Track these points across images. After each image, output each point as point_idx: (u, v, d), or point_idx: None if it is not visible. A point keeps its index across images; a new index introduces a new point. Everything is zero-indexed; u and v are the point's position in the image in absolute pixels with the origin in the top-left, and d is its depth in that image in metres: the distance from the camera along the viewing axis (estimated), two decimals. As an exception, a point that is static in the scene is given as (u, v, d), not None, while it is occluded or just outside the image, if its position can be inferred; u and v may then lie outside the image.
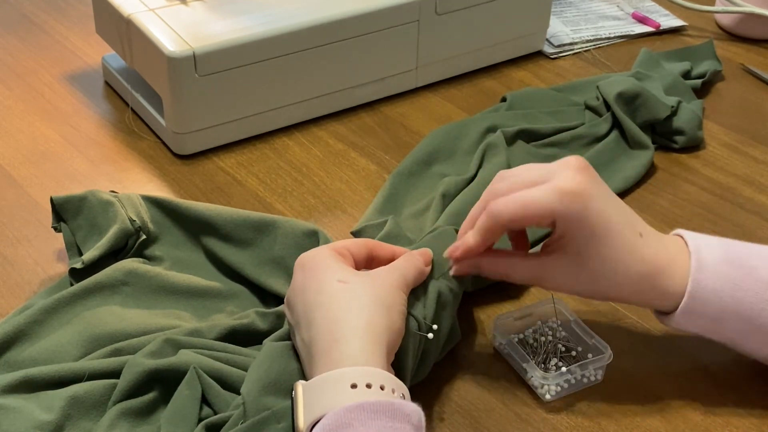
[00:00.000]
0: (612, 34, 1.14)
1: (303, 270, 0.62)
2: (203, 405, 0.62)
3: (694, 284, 0.64)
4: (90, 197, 0.76)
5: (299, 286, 0.62)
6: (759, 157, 0.94)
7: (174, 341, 0.65)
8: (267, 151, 0.92)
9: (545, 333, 0.70)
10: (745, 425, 0.66)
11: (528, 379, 0.67)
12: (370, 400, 0.53)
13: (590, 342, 0.69)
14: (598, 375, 0.68)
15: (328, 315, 0.58)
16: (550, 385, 0.66)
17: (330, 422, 0.53)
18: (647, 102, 0.91)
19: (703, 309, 0.64)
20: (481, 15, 1.01)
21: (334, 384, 0.55)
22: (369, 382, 0.55)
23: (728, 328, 0.65)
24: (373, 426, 0.52)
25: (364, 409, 0.53)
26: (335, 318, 0.58)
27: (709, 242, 0.66)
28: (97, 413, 0.62)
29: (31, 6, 1.16)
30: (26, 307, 0.70)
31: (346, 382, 0.55)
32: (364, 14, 0.92)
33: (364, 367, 0.56)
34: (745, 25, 1.14)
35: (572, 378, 0.67)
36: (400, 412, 0.54)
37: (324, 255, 0.62)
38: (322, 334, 0.58)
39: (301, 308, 0.61)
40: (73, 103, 0.98)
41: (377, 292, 0.60)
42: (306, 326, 0.60)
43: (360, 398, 0.54)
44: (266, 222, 0.75)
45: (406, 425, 0.53)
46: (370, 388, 0.55)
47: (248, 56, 0.88)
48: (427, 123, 0.97)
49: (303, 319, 0.60)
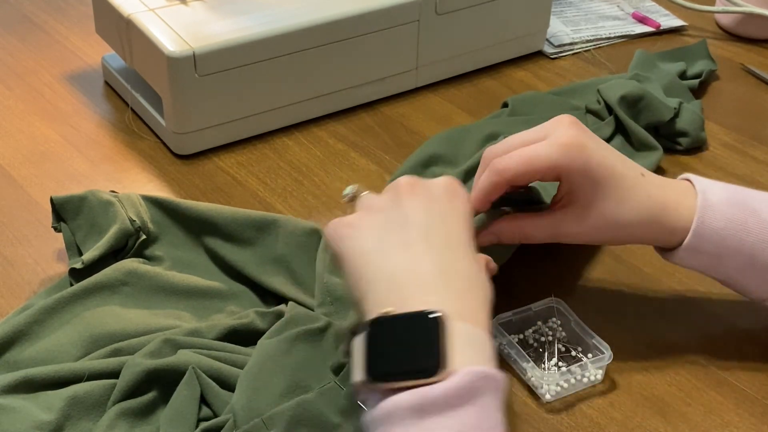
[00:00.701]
0: (612, 34, 1.14)
1: (451, 193, 0.62)
2: (202, 405, 0.62)
3: (699, 222, 0.66)
4: (90, 197, 0.76)
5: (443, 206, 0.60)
6: (759, 157, 0.94)
7: (173, 341, 0.65)
8: (267, 151, 0.92)
9: (545, 333, 0.70)
10: (745, 425, 0.66)
11: (528, 379, 0.67)
12: (499, 375, 0.52)
13: (590, 342, 0.69)
14: (598, 375, 0.68)
15: (470, 267, 0.58)
16: (550, 385, 0.66)
17: (468, 380, 0.50)
18: (650, 104, 0.91)
19: (706, 246, 0.67)
20: (481, 15, 1.01)
21: (483, 347, 0.53)
22: (493, 356, 0.54)
23: (728, 265, 0.68)
24: (495, 402, 0.51)
25: (496, 381, 0.52)
26: (475, 279, 0.58)
27: (715, 184, 0.69)
28: (96, 413, 0.62)
29: (31, 6, 1.16)
30: (26, 307, 0.70)
31: (489, 351, 0.53)
32: (364, 14, 0.92)
33: (492, 343, 0.54)
34: (745, 25, 1.14)
35: (572, 378, 0.67)
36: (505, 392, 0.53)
37: (470, 209, 0.63)
38: (463, 273, 0.57)
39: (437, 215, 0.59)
40: (73, 103, 0.98)
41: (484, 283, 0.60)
42: (435, 234, 0.58)
43: (494, 371, 0.52)
44: (268, 221, 0.75)
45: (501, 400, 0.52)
46: (492, 361, 0.54)
47: (248, 56, 0.88)
48: (427, 123, 0.97)
49: (433, 222, 0.59)
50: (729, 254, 0.67)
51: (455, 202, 0.62)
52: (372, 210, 0.61)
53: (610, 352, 0.67)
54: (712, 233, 0.66)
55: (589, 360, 0.68)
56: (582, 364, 0.67)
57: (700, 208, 0.67)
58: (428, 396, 0.49)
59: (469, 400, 0.49)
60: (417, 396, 0.49)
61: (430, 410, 0.49)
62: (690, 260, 0.68)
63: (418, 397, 0.49)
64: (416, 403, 0.49)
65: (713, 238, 0.67)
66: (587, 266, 0.79)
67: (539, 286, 0.75)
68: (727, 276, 0.69)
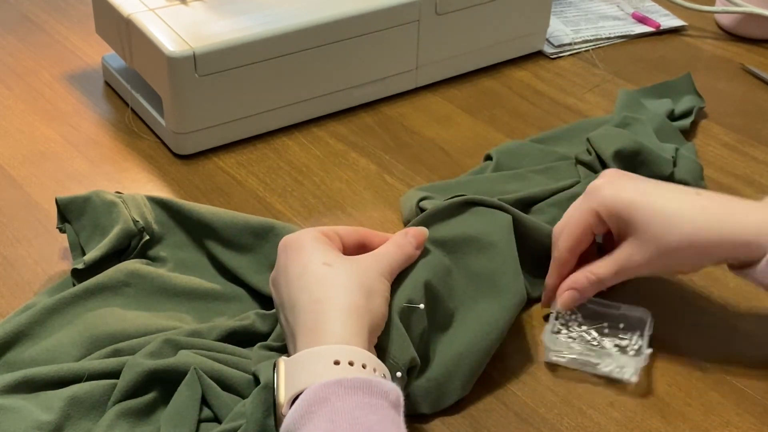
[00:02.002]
0: (612, 34, 1.14)
1: (286, 251, 0.63)
2: (203, 406, 0.62)
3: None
4: (94, 198, 0.76)
5: (282, 268, 0.62)
6: (759, 157, 0.94)
7: (174, 342, 0.65)
8: (267, 151, 0.92)
9: (571, 325, 0.71)
10: (745, 425, 0.66)
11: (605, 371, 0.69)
12: (349, 377, 0.54)
13: (618, 312, 0.71)
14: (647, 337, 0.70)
15: (312, 296, 0.59)
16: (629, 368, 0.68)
17: (309, 396, 0.53)
18: (648, 159, 0.83)
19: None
20: (481, 15, 1.01)
21: (318, 360, 0.56)
22: (351, 359, 0.55)
23: None
24: (350, 401, 0.53)
25: (342, 384, 0.53)
26: (318, 299, 0.59)
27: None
28: (96, 413, 0.62)
29: (31, 6, 1.16)
30: (28, 306, 0.70)
31: (329, 358, 0.55)
32: (364, 14, 0.92)
33: (347, 346, 0.56)
34: (745, 25, 1.14)
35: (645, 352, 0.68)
36: (379, 389, 0.54)
37: (309, 237, 0.63)
38: (305, 314, 0.59)
39: (284, 290, 0.61)
40: (73, 103, 0.98)
41: (360, 277, 0.61)
42: (290, 308, 0.60)
43: (340, 375, 0.54)
44: (265, 228, 0.75)
45: (383, 402, 0.54)
46: (352, 366, 0.55)
47: (248, 56, 0.88)
48: (427, 123, 0.97)
49: (287, 300, 0.61)
50: None
51: (291, 258, 0.63)
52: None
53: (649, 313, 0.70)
54: None
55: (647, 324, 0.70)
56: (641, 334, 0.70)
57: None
58: (286, 421, 0.54)
59: (316, 412, 0.53)
60: (285, 422, 0.55)
61: (295, 429, 0.53)
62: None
63: (285, 424, 0.55)
64: (284, 429, 0.55)
65: None
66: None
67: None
68: None
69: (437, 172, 0.90)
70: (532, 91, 1.03)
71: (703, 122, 0.98)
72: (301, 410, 0.53)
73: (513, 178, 0.84)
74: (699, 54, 1.12)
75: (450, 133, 0.96)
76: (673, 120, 0.95)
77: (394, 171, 0.90)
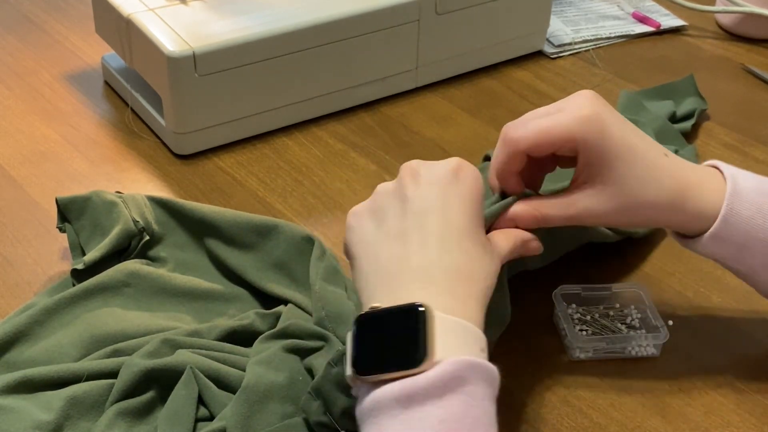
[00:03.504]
0: (612, 34, 1.14)
1: (458, 182, 0.59)
2: (199, 405, 0.62)
3: (728, 209, 0.64)
4: (94, 198, 0.76)
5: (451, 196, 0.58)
6: (759, 157, 0.94)
7: (172, 341, 0.65)
8: (267, 151, 0.92)
9: (580, 317, 0.73)
10: (745, 425, 0.66)
11: (632, 354, 0.70)
12: (488, 366, 0.52)
13: (610, 293, 0.74)
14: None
15: (463, 266, 0.56)
16: (652, 345, 0.70)
17: (452, 370, 0.50)
18: None
19: (732, 235, 0.64)
20: (481, 15, 1.01)
21: (472, 338, 0.53)
22: (483, 347, 0.54)
23: (753, 257, 0.65)
24: (483, 391, 0.51)
25: (483, 371, 0.52)
26: (470, 273, 0.56)
27: (744, 173, 0.66)
28: (95, 413, 0.62)
29: (31, 6, 1.16)
30: (28, 306, 0.70)
31: (479, 343, 0.53)
32: (364, 14, 0.92)
33: (482, 333, 0.54)
34: (745, 25, 1.14)
35: (660, 326, 0.70)
36: (497, 383, 0.53)
37: (478, 189, 0.60)
38: (454, 277, 0.55)
39: (435, 199, 0.58)
40: (73, 103, 0.98)
41: (494, 270, 0.59)
42: (436, 252, 0.56)
43: (482, 360, 0.52)
44: (269, 226, 0.75)
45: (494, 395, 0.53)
46: (484, 353, 0.54)
47: (248, 56, 0.88)
48: (427, 123, 0.97)
49: (435, 230, 0.57)
50: (755, 245, 0.64)
51: (459, 186, 0.59)
52: (376, 197, 0.61)
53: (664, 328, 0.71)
54: (740, 221, 0.64)
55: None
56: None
57: (730, 194, 0.64)
58: (412, 386, 0.50)
59: (454, 389, 0.50)
60: (401, 387, 0.50)
61: (414, 400, 0.49)
62: (713, 248, 0.65)
63: (402, 388, 0.50)
64: (401, 394, 0.50)
65: (741, 226, 0.64)
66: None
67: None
68: (748, 268, 0.66)
69: (437, 172, 0.90)
70: (532, 91, 1.03)
71: (703, 122, 0.98)
72: (441, 380, 0.50)
73: None
74: (699, 54, 1.12)
75: (450, 133, 0.96)
76: (674, 122, 0.95)
77: (394, 171, 0.89)
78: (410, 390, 0.50)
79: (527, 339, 0.72)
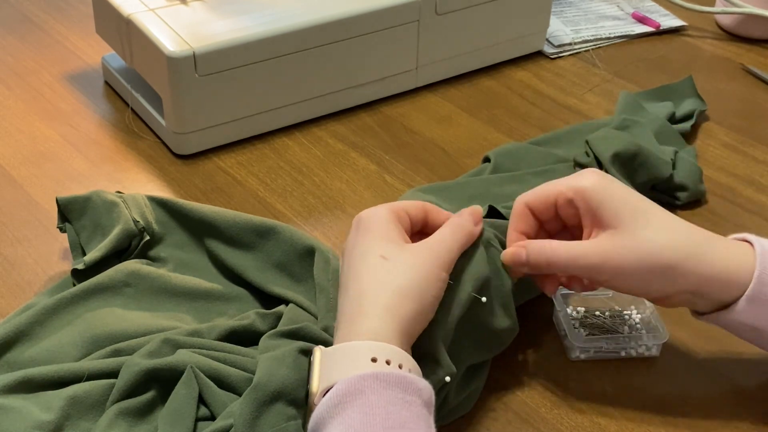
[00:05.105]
0: (612, 34, 1.14)
1: (357, 228, 0.64)
2: (200, 405, 0.62)
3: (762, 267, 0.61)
4: (94, 198, 0.76)
5: (351, 244, 0.63)
6: (759, 157, 0.94)
7: (172, 341, 0.65)
8: (267, 151, 0.92)
9: (580, 319, 0.73)
10: (745, 425, 0.66)
11: (632, 354, 0.71)
12: (385, 371, 0.54)
13: (608, 295, 0.74)
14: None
15: (361, 287, 0.60)
16: (652, 346, 0.71)
17: (343, 388, 0.54)
18: (647, 161, 0.82)
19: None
20: (481, 15, 1.01)
21: (356, 354, 0.56)
22: (389, 358, 0.56)
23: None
24: (384, 396, 0.53)
25: (378, 378, 0.54)
26: (365, 292, 0.59)
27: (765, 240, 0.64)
28: (96, 413, 0.62)
29: (31, 6, 1.16)
30: (28, 306, 0.70)
31: (367, 354, 0.56)
32: (364, 14, 0.93)
33: (386, 344, 0.56)
34: (745, 25, 1.14)
35: (660, 326, 0.71)
36: (413, 386, 0.54)
37: (380, 218, 0.63)
38: (351, 303, 0.59)
39: (345, 267, 0.62)
40: (73, 103, 0.98)
41: (415, 276, 0.60)
42: (343, 289, 0.61)
43: (376, 370, 0.54)
44: (268, 228, 0.75)
45: (416, 399, 0.54)
46: (389, 365, 0.55)
47: (248, 56, 0.88)
48: (427, 123, 0.97)
49: (343, 280, 0.62)
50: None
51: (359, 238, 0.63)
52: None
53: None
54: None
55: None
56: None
57: (760, 253, 0.61)
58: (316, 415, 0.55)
59: (351, 402, 0.53)
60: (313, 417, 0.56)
61: (322, 424, 0.54)
62: (749, 314, 0.61)
63: (313, 417, 0.55)
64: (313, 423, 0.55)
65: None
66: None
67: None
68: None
69: (437, 172, 0.90)
70: (532, 91, 1.03)
71: (703, 122, 0.98)
72: (335, 400, 0.53)
73: (511, 180, 0.84)
74: (699, 54, 1.12)
75: (450, 133, 0.96)
76: (674, 123, 0.95)
77: (393, 171, 0.90)
78: (316, 418, 0.55)
79: (527, 339, 0.72)
